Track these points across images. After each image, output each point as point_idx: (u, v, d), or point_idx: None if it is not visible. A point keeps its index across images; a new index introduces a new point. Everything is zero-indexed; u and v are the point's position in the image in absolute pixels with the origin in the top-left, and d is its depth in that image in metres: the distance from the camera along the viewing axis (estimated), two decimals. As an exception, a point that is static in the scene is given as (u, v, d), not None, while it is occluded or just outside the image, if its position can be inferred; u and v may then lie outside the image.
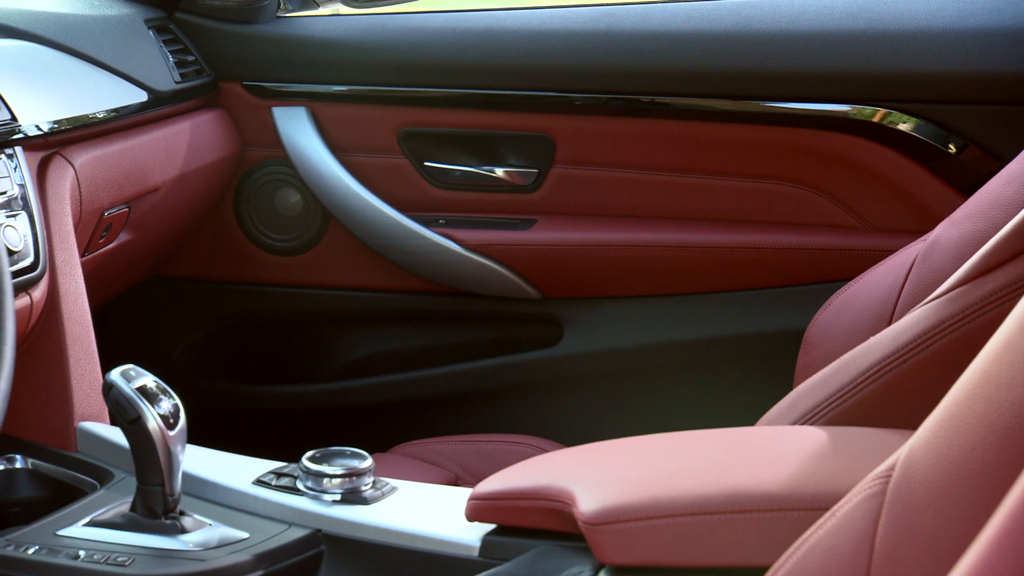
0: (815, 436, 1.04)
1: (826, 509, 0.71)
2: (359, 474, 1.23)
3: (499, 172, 1.95)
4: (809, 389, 1.15)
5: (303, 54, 1.97)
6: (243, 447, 1.37)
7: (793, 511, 0.91)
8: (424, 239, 1.93)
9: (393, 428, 1.97)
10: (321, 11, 2.05)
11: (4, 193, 1.33)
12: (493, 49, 1.91)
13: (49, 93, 1.52)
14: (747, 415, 1.29)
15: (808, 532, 0.71)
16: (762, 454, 1.04)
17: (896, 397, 1.07)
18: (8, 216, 1.32)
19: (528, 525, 1.09)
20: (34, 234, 1.36)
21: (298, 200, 2.02)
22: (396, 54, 1.95)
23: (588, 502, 0.99)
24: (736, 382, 1.88)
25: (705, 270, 1.88)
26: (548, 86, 1.90)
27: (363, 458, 1.24)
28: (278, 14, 2.00)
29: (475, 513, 1.12)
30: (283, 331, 2.13)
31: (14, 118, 1.39)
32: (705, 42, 1.84)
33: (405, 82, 1.95)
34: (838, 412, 1.10)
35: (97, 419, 1.38)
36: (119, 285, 1.92)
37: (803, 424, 1.13)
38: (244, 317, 2.13)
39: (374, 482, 1.23)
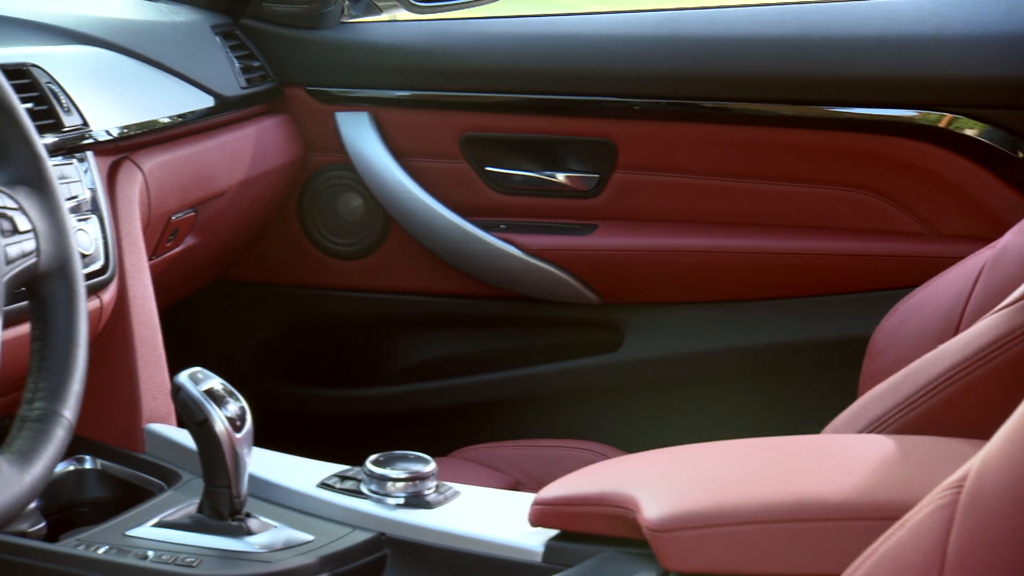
0: (883, 445, 1.03)
1: (895, 519, 0.70)
2: (422, 478, 1.23)
3: (560, 177, 1.95)
4: (876, 397, 1.14)
5: (366, 59, 1.99)
6: (303, 449, 1.38)
7: (861, 521, 0.90)
8: (485, 244, 1.94)
9: (453, 432, 1.97)
10: (384, 16, 2.06)
11: (75, 197, 1.35)
12: (555, 54, 1.92)
13: (119, 99, 1.54)
14: (811, 423, 1.28)
15: (877, 542, 0.70)
16: (829, 462, 1.04)
17: (967, 406, 1.06)
18: (79, 220, 1.34)
19: (592, 531, 1.09)
20: (104, 238, 1.38)
21: (360, 204, 2.03)
22: (458, 59, 1.95)
23: (653, 508, 0.99)
24: (800, 389, 1.87)
25: (768, 276, 1.86)
26: (610, 91, 1.89)
27: (426, 462, 1.25)
28: (342, 19, 2.01)
29: (539, 518, 1.12)
30: (344, 335, 2.14)
31: (86, 123, 1.41)
32: (770, 47, 1.83)
33: (467, 87, 1.96)
34: (907, 420, 1.09)
35: (164, 421, 1.40)
36: (185, 288, 1.95)
37: (871, 432, 1.11)
38: (306, 320, 2.14)
39: (437, 486, 1.24)
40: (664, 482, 1.05)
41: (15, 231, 0.94)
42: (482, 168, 1.97)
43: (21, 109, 0.97)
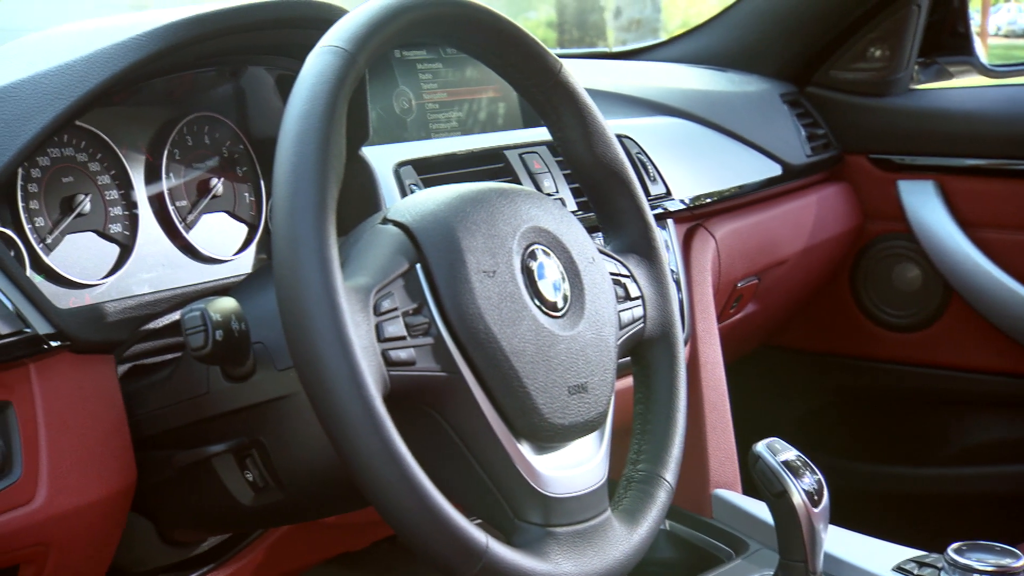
0: None
1: None
2: (1011, 573, 1.15)
3: None
4: None
5: (936, 127, 1.92)
6: (853, 524, 1.33)
7: None
8: (1061, 322, 1.80)
9: (1016, 521, 1.84)
10: (956, 82, 1.98)
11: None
12: None
13: (695, 167, 1.58)
14: None
15: None
16: None
17: None
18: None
19: None
20: (680, 302, 1.41)
21: (917, 275, 1.96)
22: None
23: None
24: None
25: None
26: None
27: (1016, 556, 1.16)
28: (911, 86, 1.96)
29: None
30: (895, 409, 2.06)
31: (668, 192, 1.45)
32: None
33: None
34: None
35: (730, 487, 1.40)
36: (736, 354, 1.96)
37: None
38: (854, 392, 2.09)
39: (1027, 583, 1.15)
40: None
41: (627, 297, 0.97)
42: (1060, 240, 1.84)
43: (636, 181, 1.01)
